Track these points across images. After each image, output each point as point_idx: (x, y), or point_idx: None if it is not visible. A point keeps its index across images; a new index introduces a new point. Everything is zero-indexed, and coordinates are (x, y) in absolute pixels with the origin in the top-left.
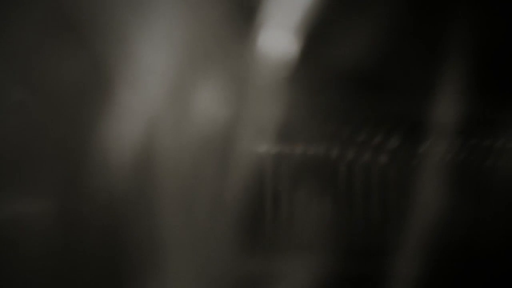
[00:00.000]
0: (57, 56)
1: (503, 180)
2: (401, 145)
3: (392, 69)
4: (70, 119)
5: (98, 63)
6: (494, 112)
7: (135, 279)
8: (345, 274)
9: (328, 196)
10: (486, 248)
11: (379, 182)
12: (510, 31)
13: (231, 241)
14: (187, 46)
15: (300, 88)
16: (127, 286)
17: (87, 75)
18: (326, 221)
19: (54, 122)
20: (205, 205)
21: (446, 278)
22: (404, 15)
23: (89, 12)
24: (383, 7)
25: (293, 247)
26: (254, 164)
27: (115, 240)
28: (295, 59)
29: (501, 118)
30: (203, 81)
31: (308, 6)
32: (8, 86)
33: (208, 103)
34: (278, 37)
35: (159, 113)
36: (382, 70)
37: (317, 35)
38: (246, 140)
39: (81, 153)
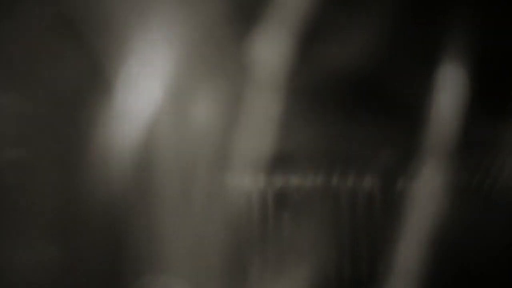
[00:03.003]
0: (55, 57)
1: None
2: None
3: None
4: (68, 120)
5: (96, 64)
6: (493, 131)
7: (134, 278)
8: None
9: (324, 224)
10: (486, 276)
11: (374, 208)
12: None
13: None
14: (185, 47)
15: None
16: (126, 286)
17: (85, 77)
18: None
19: (53, 123)
20: (203, 205)
21: None
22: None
23: (87, 14)
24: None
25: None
26: (252, 163)
27: (114, 241)
28: (292, 62)
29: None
30: (200, 82)
31: (307, 9)
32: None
33: (206, 105)
34: (276, 40)
35: (157, 114)
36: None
37: (315, 38)
38: (244, 142)
39: (79, 154)
